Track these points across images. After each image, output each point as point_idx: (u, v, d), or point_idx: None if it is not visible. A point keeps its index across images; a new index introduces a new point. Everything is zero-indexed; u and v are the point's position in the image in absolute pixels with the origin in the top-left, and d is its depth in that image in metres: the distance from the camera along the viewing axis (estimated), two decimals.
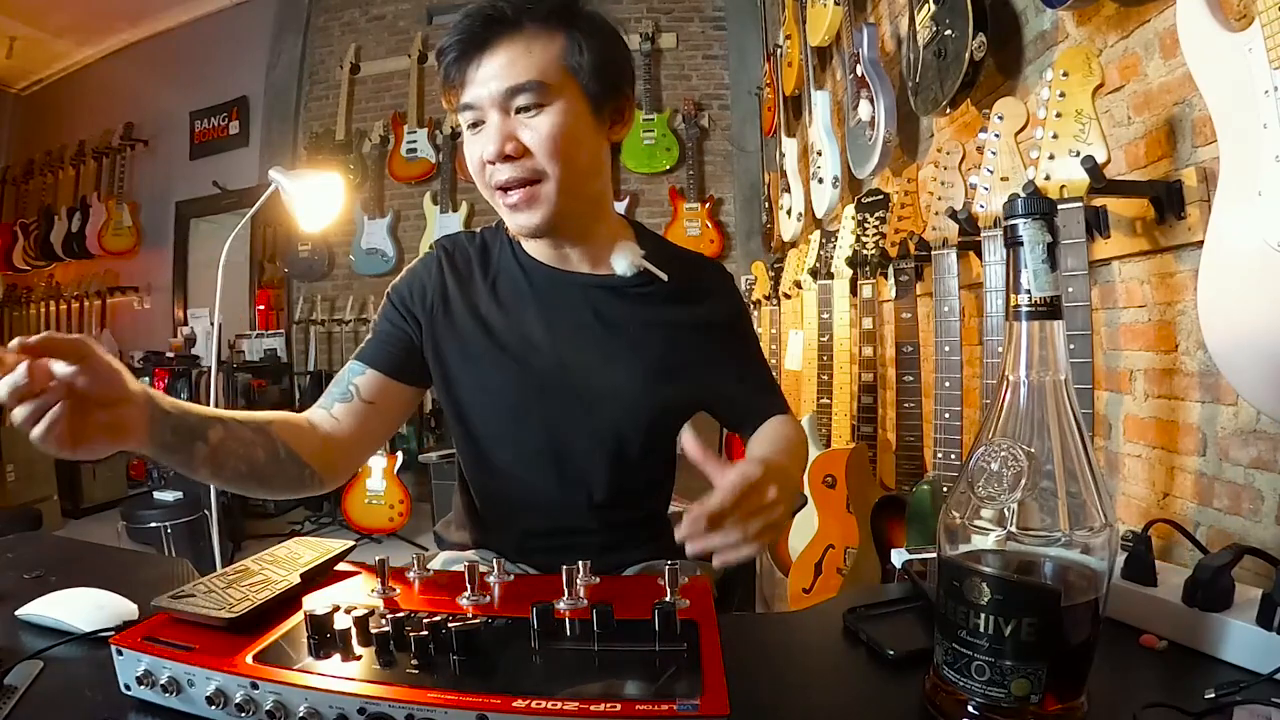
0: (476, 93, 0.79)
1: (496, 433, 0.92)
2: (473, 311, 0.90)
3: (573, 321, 0.89)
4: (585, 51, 0.80)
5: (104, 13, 4.72)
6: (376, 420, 0.89)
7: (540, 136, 0.78)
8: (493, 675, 0.48)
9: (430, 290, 0.92)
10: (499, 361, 0.88)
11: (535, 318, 0.89)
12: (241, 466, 0.75)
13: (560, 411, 0.89)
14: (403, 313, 0.91)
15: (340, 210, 2.31)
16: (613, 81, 0.83)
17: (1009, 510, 0.46)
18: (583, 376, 0.88)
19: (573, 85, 0.80)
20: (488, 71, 0.78)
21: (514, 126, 0.78)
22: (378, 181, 4.46)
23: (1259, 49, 0.75)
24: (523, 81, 0.77)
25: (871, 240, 1.80)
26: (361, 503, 3.56)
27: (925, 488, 1.36)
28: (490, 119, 0.79)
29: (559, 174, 0.80)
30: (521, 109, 0.78)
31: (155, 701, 0.50)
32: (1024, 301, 0.47)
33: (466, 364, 0.90)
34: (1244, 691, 0.49)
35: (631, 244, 0.90)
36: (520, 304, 0.90)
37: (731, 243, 4.24)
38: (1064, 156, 1.03)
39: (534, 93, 0.77)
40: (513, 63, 0.77)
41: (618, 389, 0.89)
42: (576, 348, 0.89)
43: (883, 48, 2.06)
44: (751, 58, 4.08)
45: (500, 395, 0.90)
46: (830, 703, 0.54)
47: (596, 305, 0.90)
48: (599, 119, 0.83)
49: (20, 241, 5.31)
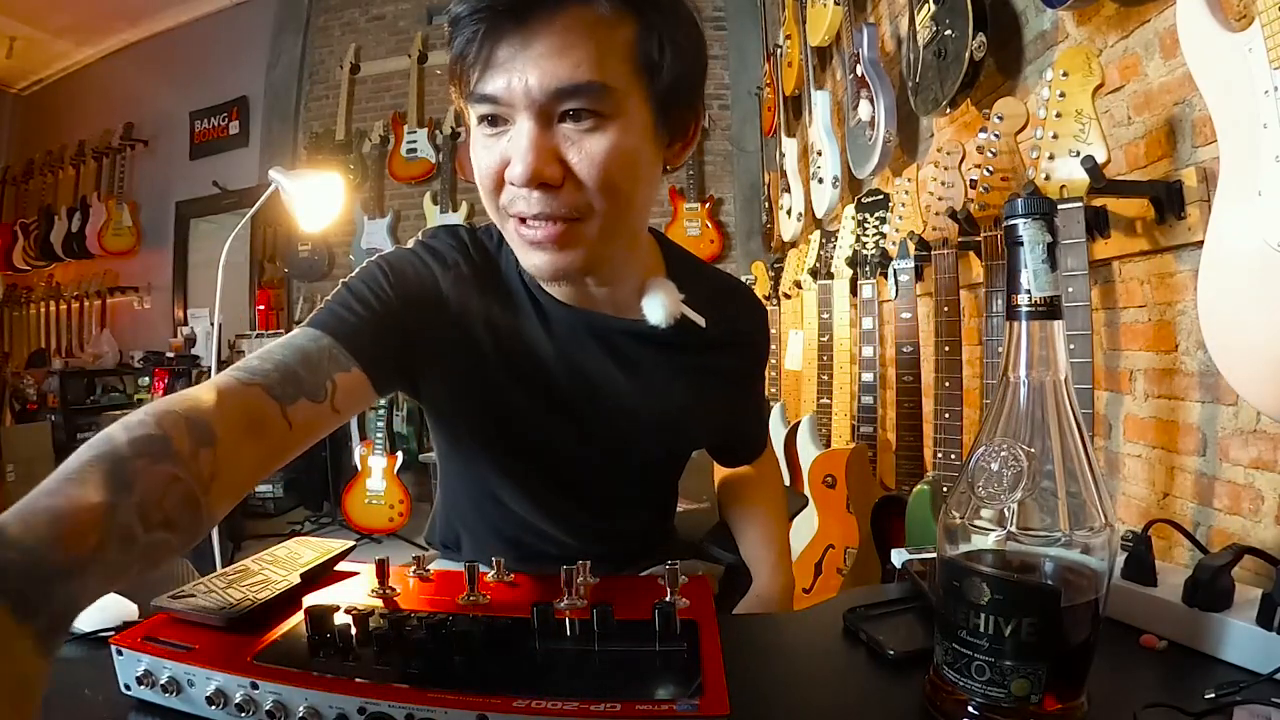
0: (507, 83, 0.56)
1: (497, 473, 0.80)
2: (487, 338, 0.72)
3: (590, 369, 0.74)
4: (665, 46, 0.60)
5: (104, 13, 4.72)
6: (329, 428, 0.61)
7: (595, 162, 0.58)
8: (493, 675, 0.48)
9: (447, 290, 0.70)
10: (504, 404, 0.74)
11: (548, 361, 0.73)
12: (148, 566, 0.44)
13: (569, 461, 0.78)
14: (399, 293, 0.67)
15: (340, 210, 2.31)
16: (691, 92, 0.64)
17: (1009, 510, 0.46)
18: (595, 426, 0.76)
19: (641, 92, 0.60)
20: (528, 57, 0.56)
21: (558, 141, 0.58)
22: (378, 181, 4.45)
23: (1259, 49, 0.75)
24: (582, 82, 0.56)
25: (871, 240, 1.80)
26: (361, 503, 3.56)
27: (925, 488, 1.36)
28: (521, 124, 0.58)
29: (608, 211, 0.60)
30: (571, 118, 0.57)
31: (155, 701, 0.50)
32: (1024, 301, 0.47)
33: (468, 399, 0.74)
34: (1244, 691, 0.49)
35: (667, 284, 0.73)
36: (534, 344, 0.73)
37: (731, 243, 4.24)
38: (1064, 156, 1.03)
39: (595, 99, 0.57)
40: (567, 50, 0.56)
41: (634, 439, 0.78)
42: (592, 396, 0.75)
43: (883, 48, 2.06)
44: (751, 58, 4.07)
45: (506, 439, 0.77)
46: (830, 703, 0.54)
47: (620, 350, 0.74)
48: (661, 137, 0.64)
49: (20, 241, 5.31)
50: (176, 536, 0.45)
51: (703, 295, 0.76)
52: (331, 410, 0.60)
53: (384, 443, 3.58)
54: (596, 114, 0.58)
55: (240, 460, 0.52)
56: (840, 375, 1.99)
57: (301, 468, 4.23)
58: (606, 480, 0.81)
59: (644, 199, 0.66)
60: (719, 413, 0.83)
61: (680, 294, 0.73)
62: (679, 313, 0.72)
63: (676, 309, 0.71)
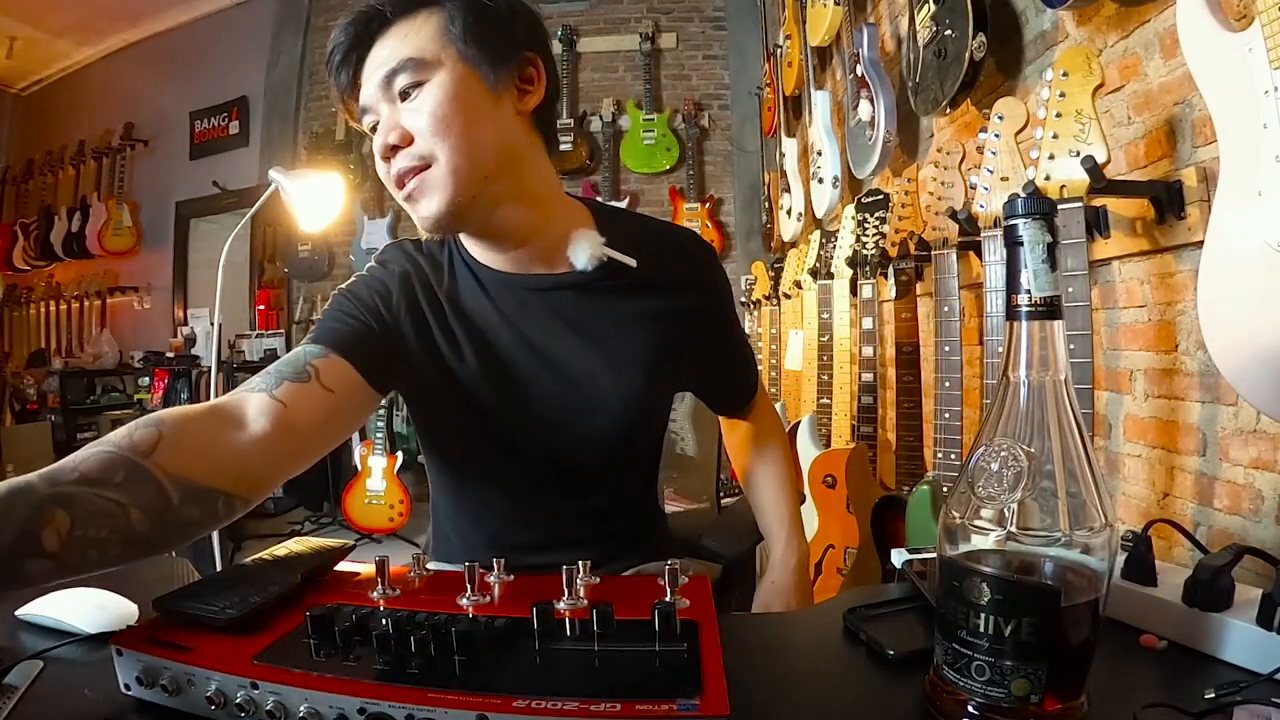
0: (366, 92, 0.73)
1: (479, 459, 0.85)
2: (447, 326, 0.80)
3: (539, 331, 0.79)
4: (460, 16, 0.72)
5: (104, 13, 4.72)
6: (329, 416, 0.70)
7: (421, 115, 0.70)
8: (493, 675, 0.48)
9: (398, 294, 0.79)
10: (473, 385, 0.79)
11: (500, 332, 0.79)
12: (109, 550, 0.53)
13: (543, 430, 0.82)
14: (367, 313, 0.77)
15: (340, 210, 2.31)
16: (499, 41, 0.73)
17: (1009, 510, 0.46)
18: (562, 390, 0.80)
19: (452, 55, 0.71)
20: (371, 68, 0.72)
21: (399, 115, 0.71)
22: (377, 181, 4.40)
23: (1259, 49, 0.75)
24: (394, 62, 0.70)
25: (871, 240, 1.80)
26: (361, 503, 3.56)
27: (925, 488, 1.36)
28: (381, 114, 0.72)
29: (449, 154, 0.70)
30: (404, 94, 0.71)
31: (155, 701, 0.50)
32: (1024, 301, 0.47)
33: (441, 392, 0.80)
34: (1244, 691, 0.49)
35: (590, 232, 0.79)
36: (483, 319, 0.80)
37: (731, 243, 4.24)
38: (1064, 156, 1.03)
39: (410, 71, 0.70)
40: (393, 51, 0.71)
41: (600, 397, 0.81)
42: (549, 359, 0.80)
43: (883, 48, 2.06)
44: (751, 58, 4.08)
45: (481, 422, 0.81)
46: (830, 703, 0.54)
47: (561, 308, 0.80)
48: (494, 87, 0.73)
49: (20, 241, 5.31)
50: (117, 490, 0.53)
51: (636, 240, 0.81)
52: (322, 389, 0.69)
53: (384, 443, 3.58)
54: (418, 82, 0.71)
55: (199, 439, 0.60)
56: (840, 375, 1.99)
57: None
58: (580, 448, 0.84)
59: (490, 139, 0.73)
60: (682, 355, 0.85)
61: (603, 239, 0.78)
62: (602, 255, 0.77)
63: (599, 251, 0.77)
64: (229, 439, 0.63)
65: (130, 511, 0.53)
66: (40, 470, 0.52)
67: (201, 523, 0.60)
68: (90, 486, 0.52)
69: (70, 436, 4.32)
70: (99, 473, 0.53)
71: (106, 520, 0.52)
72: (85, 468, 0.53)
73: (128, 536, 0.53)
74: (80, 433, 4.43)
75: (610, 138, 4.24)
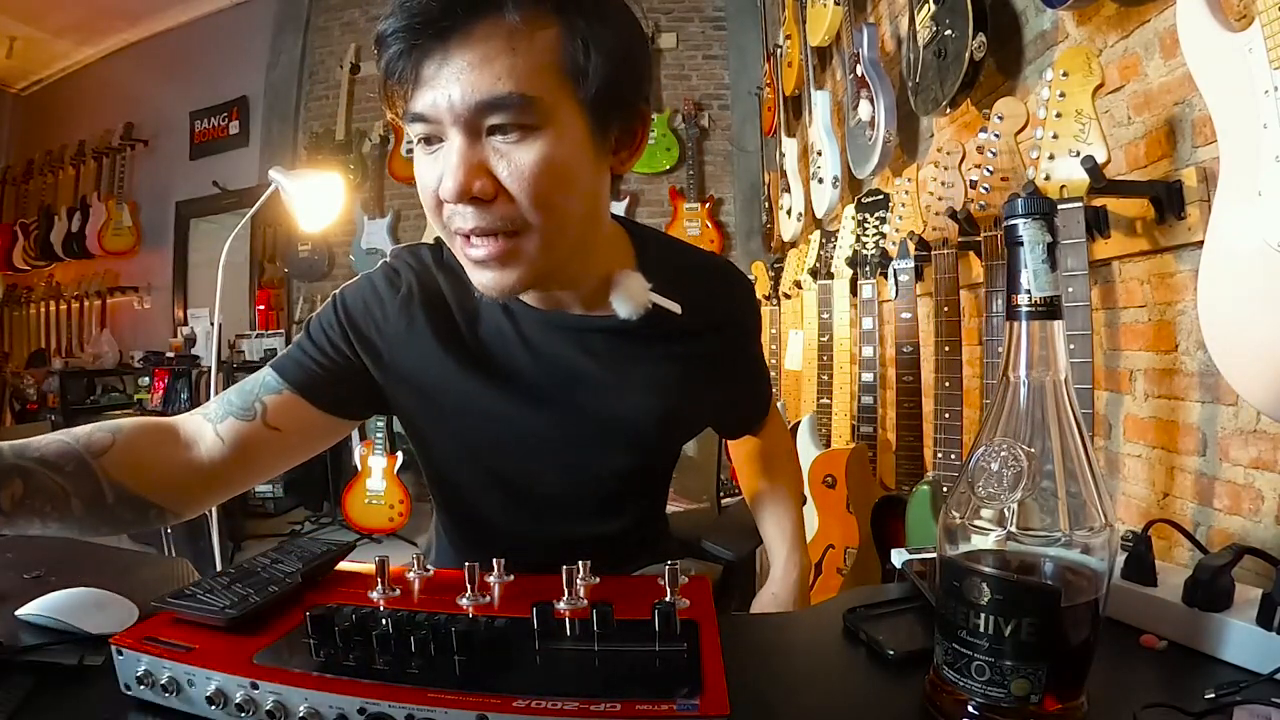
0: (433, 99, 0.56)
1: (478, 487, 0.81)
2: (452, 355, 0.73)
3: (568, 371, 0.74)
4: (592, 50, 0.57)
5: (104, 13, 4.72)
6: (275, 450, 0.70)
7: (524, 175, 0.57)
8: (493, 675, 0.48)
9: (394, 316, 0.73)
10: (487, 411, 0.74)
11: (523, 365, 0.74)
12: (51, 523, 0.59)
13: (557, 461, 0.78)
14: (351, 333, 0.73)
15: (340, 210, 2.31)
16: (628, 94, 0.61)
17: (1009, 510, 0.46)
18: (580, 424, 0.76)
19: (570, 100, 0.58)
20: (450, 72, 0.55)
21: (485, 155, 0.57)
22: (378, 181, 4.45)
23: (1259, 49, 0.75)
24: (503, 94, 0.55)
25: (871, 240, 1.80)
26: (361, 503, 3.56)
27: (925, 488, 1.36)
28: (451, 139, 0.58)
29: (546, 226, 0.59)
30: (499, 132, 0.57)
31: (155, 701, 0.50)
32: (1024, 301, 0.47)
33: (443, 417, 0.76)
34: (1244, 691, 0.49)
35: (634, 276, 0.71)
36: (505, 350, 0.74)
37: (731, 243, 4.24)
38: (1064, 156, 1.03)
39: (518, 111, 0.56)
40: (487, 62, 0.55)
41: (621, 435, 0.77)
42: (574, 401, 0.75)
43: (883, 48, 2.06)
44: (751, 58, 4.07)
45: (489, 448, 0.77)
46: (830, 703, 0.54)
47: (592, 347, 0.74)
48: (602, 144, 0.62)
49: (20, 241, 5.31)
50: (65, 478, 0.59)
51: (679, 280, 0.74)
52: (265, 427, 0.68)
53: (384, 443, 3.58)
54: (523, 126, 0.57)
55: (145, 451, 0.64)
56: (840, 375, 1.99)
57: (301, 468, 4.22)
58: (596, 480, 0.80)
59: (588, 210, 0.64)
60: (708, 397, 0.82)
61: (649, 283, 0.71)
62: (648, 303, 0.70)
63: (645, 300, 0.70)
64: (172, 458, 0.66)
65: (71, 499, 0.60)
66: (12, 441, 0.59)
67: (134, 523, 0.64)
68: (44, 467, 0.59)
69: None
70: (54, 458, 0.60)
71: (50, 499, 0.59)
72: (45, 451, 0.60)
73: (66, 516, 0.60)
74: None
75: None
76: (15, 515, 0.58)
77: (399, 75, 0.58)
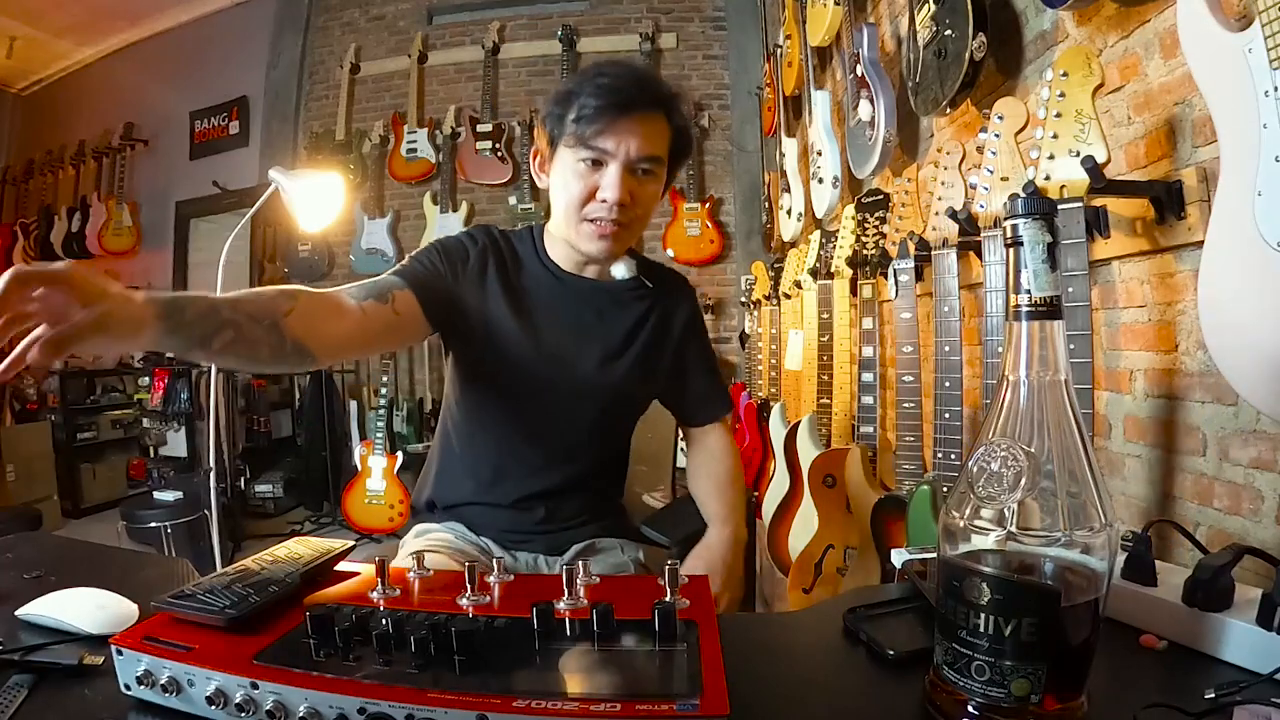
0: (615, 145, 0.94)
1: (499, 407, 1.07)
2: (506, 296, 1.03)
3: (579, 319, 1.07)
4: (681, 142, 1.02)
5: (104, 13, 4.72)
6: (391, 332, 0.96)
7: (645, 198, 0.99)
8: (493, 675, 0.48)
9: (474, 262, 1.04)
10: (519, 344, 1.02)
11: (551, 312, 1.06)
12: (241, 361, 0.79)
13: (562, 392, 1.05)
14: (446, 267, 1.02)
15: (340, 210, 2.31)
16: (681, 163, 1.06)
17: (1009, 510, 0.46)
18: (584, 365, 1.06)
19: (663, 164, 1.00)
20: (628, 132, 0.94)
21: (633, 184, 0.97)
22: (378, 181, 4.45)
23: (1259, 49, 0.74)
24: (653, 155, 0.97)
25: (871, 240, 1.80)
26: (361, 503, 3.56)
27: (925, 488, 1.36)
28: (612, 168, 0.95)
29: (636, 228, 1.02)
30: (643, 172, 0.97)
31: (155, 701, 0.50)
32: (1024, 301, 0.47)
33: (491, 339, 1.02)
34: (1244, 691, 0.49)
35: (627, 258, 1.11)
36: (541, 299, 1.06)
37: (731, 243, 4.24)
38: (1064, 156, 1.03)
39: (654, 164, 0.98)
40: (649, 136, 0.96)
41: (610, 379, 1.07)
42: (581, 341, 1.07)
43: (883, 48, 2.06)
44: (751, 58, 4.08)
45: (514, 372, 1.03)
46: (830, 703, 0.54)
47: (599, 306, 1.09)
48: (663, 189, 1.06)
49: (20, 241, 5.31)
50: (261, 330, 0.78)
51: (651, 270, 1.14)
52: (393, 311, 0.94)
53: (384, 443, 3.58)
54: (651, 172, 0.99)
55: (315, 315, 0.85)
56: (840, 375, 1.99)
57: (301, 468, 4.24)
58: (579, 418, 1.07)
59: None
60: (670, 361, 1.14)
61: (634, 263, 1.11)
62: (635, 272, 1.10)
63: (633, 269, 1.10)
64: (332, 322, 0.88)
65: (261, 346, 0.79)
66: (228, 295, 0.78)
67: (295, 366, 0.85)
68: (249, 321, 0.77)
69: (70, 437, 4.32)
70: (255, 314, 0.79)
71: (248, 345, 0.77)
72: (249, 308, 0.78)
73: (254, 358, 0.79)
74: (80, 433, 4.42)
75: None
76: (221, 354, 0.75)
77: (592, 123, 0.93)
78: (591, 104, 0.94)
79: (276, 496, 4.20)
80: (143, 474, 4.43)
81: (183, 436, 3.90)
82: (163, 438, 3.98)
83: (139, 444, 4.33)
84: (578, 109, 0.95)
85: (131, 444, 4.58)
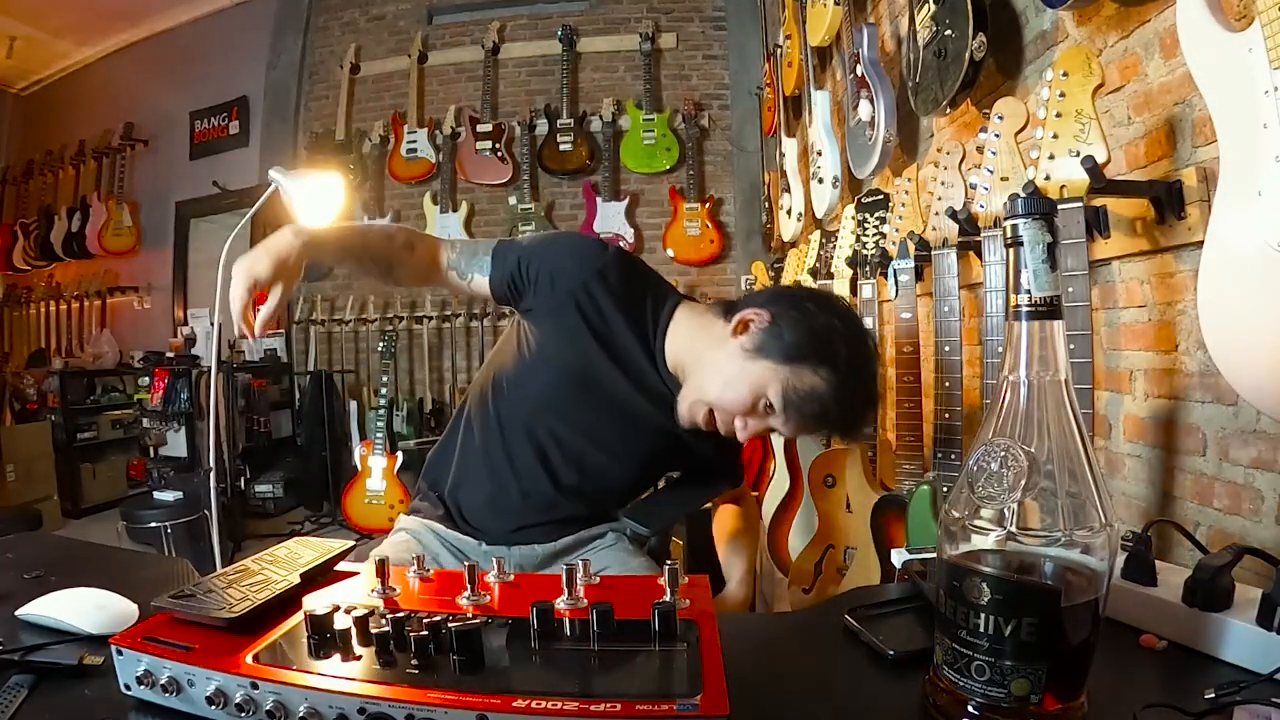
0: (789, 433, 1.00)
1: (534, 424, 1.07)
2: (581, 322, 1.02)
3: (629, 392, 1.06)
4: None
5: (104, 13, 4.72)
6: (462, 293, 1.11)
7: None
8: (493, 675, 0.48)
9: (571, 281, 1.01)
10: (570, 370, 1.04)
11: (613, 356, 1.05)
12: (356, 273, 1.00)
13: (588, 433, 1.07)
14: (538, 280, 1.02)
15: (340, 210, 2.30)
16: None
17: (1009, 510, 0.46)
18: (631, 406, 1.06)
19: None
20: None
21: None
22: (378, 181, 4.45)
23: (1259, 49, 0.74)
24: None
25: (871, 240, 1.80)
26: (361, 503, 3.56)
27: (925, 488, 1.36)
28: (763, 425, 0.98)
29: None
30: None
31: (155, 701, 0.50)
32: (1024, 301, 0.47)
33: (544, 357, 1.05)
34: (1244, 691, 0.49)
35: None
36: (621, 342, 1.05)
37: (731, 243, 4.24)
38: (1064, 156, 1.03)
39: None
40: None
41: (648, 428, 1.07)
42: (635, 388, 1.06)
43: (883, 48, 2.06)
44: (751, 58, 4.08)
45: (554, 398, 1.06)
46: (830, 703, 0.54)
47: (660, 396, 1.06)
48: None
49: (20, 241, 5.31)
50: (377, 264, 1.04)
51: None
52: (468, 288, 1.06)
53: (384, 443, 3.58)
54: None
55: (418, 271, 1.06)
56: None
57: (301, 468, 4.24)
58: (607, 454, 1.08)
59: None
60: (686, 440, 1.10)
61: None
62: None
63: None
64: (423, 275, 1.06)
65: (371, 273, 1.05)
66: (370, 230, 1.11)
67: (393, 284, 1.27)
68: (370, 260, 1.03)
69: (70, 436, 4.31)
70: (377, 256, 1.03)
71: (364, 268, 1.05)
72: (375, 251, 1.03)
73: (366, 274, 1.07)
74: (80, 432, 4.42)
75: (610, 138, 4.24)
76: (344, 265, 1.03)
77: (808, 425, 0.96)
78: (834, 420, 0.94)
79: (276, 496, 4.19)
80: (143, 474, 4.42)
81: (183, 436, 3.90)
82: (163, 438, 3.98)
83: (139, 444, 4.32)
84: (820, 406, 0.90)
85: (131, 444, 4.57)
